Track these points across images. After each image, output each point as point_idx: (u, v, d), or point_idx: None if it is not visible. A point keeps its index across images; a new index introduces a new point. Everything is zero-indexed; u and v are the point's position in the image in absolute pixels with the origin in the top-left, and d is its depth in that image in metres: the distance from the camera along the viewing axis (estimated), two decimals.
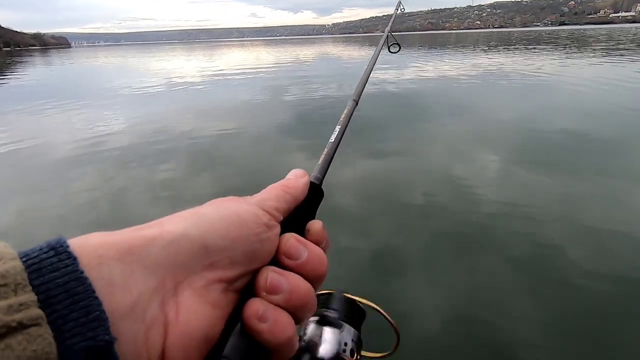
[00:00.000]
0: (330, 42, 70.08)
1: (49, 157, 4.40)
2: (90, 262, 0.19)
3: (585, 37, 34.26)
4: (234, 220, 0.24)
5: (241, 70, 14.69)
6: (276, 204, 0.27)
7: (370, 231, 2.48)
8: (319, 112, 6.14)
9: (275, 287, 0.24)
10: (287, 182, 0.29)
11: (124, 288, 0.19)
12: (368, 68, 0.62)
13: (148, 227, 0.22)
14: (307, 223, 0.29)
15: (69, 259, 0.18)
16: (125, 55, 39.71)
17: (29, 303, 0.16)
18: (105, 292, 0.18)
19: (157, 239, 0.21)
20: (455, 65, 12.80)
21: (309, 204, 0.30)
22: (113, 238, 0.20)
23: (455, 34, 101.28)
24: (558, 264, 2.03)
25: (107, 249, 0.20)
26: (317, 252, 0.27)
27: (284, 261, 0.26)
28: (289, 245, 0.26)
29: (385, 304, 0.38)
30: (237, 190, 2.73)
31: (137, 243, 0.21)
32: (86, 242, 0.20)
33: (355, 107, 0.48)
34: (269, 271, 0.25)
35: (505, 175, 3.32)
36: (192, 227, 0.23)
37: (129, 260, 0.20)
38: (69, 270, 0.17)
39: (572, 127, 4.62)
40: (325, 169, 0.34)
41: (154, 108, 7.36)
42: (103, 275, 0.19)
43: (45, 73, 19.13)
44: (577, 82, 8.09)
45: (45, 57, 42.69)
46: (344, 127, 0.41)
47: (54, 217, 2.89)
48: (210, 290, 0.23)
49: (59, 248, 0.18)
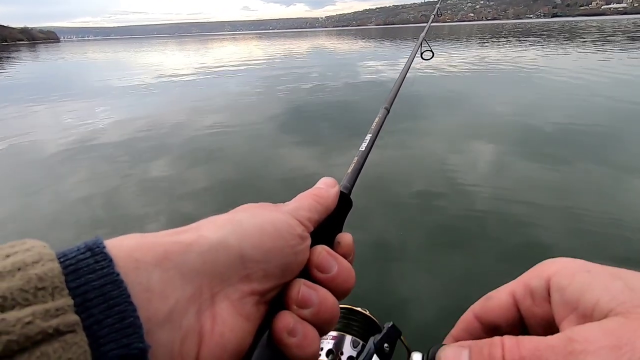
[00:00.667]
0: (324, 35, 69.65)
1: (39, 154, 4.33)
2: (127, 265, 0.18)
3: (577, 29, 34.41)
4: (269, 231, 0.24)
5: (234, 64, 14.54)
6: (308, 214, 0.26)
7: (365, 223, 2.48)
8: (313, 106, 6.11)
9: (307, 300, 0.24)
10: (319, 192, 0.28)
11: (161, 295, 0.19)
12: (401, 75, 0.60)
13: (184, 232, 0.22)
14: (337, 235, 0.29)
15: (105, 260, 0.18)
16: (116, 49, 39.10)
17: (65, 308, 0.16)
18: (143, 297, 0.18)
19: (194, 245, 0.21)
20: (448, 58, 12.79)
21: (339, 214, 0.29)
22: (149, 241, 0.20)
23: (448, 27, 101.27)
24: (552, 255, 2.05)
25: (144, 253, 0.19)
26: (346, 266, 0.26)
27: (315, 274, 0.26)
28: (321, 258, 0.26)
29: (381, 295, 0.39)
30: (233, 185, 2.73)
31: (175, 249, 0.20)
32: (122, 244, 0.19)
33: (387, 115, 0.47)
34: (301, 284, 0.24)
35: (500, 167, 3.33)
36: (229, 235, 0.22)
37: (166, 266, 0.19)
38: (105, 273, 0.17)
39: (565, 119, 4.65)
40: (354, 179, 0.33)
41: (146, 103, 7.27)
42: (141, 280, 0.18)
43: (34, 69, 18.77)
44: (569, 74, 8.13)
45: (34, 52, 41.88)
46: (374, 135, 0.40)
47: (45, 215, 2.85)
48: (244, 303, 0.23)
49: (96, 249, 0.18)
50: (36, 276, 0.16)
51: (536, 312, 0.23)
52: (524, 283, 0.24)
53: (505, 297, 0.25)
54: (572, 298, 0.20)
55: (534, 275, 0.24)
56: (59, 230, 2.64)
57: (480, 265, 2.00)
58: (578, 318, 0.20)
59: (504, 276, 1.86)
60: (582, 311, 0.19)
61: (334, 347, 0.41)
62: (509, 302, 0.24)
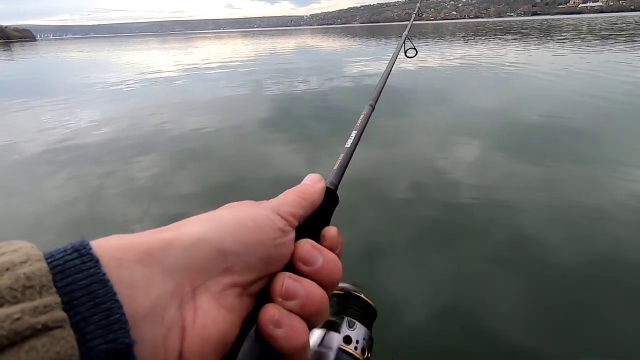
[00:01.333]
0: (309, 33, 69.47)
1: (17, 157, 4.19)
2: (111, 263, 0.19)
3: (555, 27, 35.26)
4: (249, 225, 0.24)
5: (218, 63, 14.36)
6: (292, 210, 0.27)
7: (354, 220, 2.49)
8: (300, 104, 6.09)
9: (291, 293, 0.24)
10: (304, 188, 0.29)
11: (143, 290, 0.19)
12: (385, 72, 0.60)
13: (166, 230, 0.23)
14: (322, 229, 0.29)
15: (92, 261, 0.18)
16: (96, 48, 38.09)
17: (53, 305, 0.16)
18: (126, 294, 0.18)
19: (175, 241, 0.22)
20: (432, 56, 12.92)
21: (325, 209, 0.30)
22: (131, 240, 0.21)
23: (431, 25, 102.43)
24: (538, 249, 2.09)
25: (126, 251, 0.20)
26: (332, 258, 0.27)
27: (299, 267, 0.26)
28: (305, 251, 0.26)
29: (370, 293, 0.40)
30: (219, 186, 2.70)
31: (156, 245, 0.21)
32: (105, 244, 0.20)
33: (372, 112, 0.47)
34: (285, 277, 0.25)
35: (485, 164, 3.38)
36: (209, 231, 0.23)
37: (148, 262, 0.20)
38: (91, 273, 0.18)
39: (547, 115, 4.76)
40: (341, 175, 0.34)
41: (128, 103, 7.10)
42: (123, 278, 0.19)
43: (9, 68, 18.12)
44: (549, 71, 8.34)
45: (8, 51, 40.41)
46: (360, 132, 0.40)
47: (24, 218, 2.76)
48: (226, 295, 0.23)
49: (82, 250, 0.18)
50: (24, 275, 0.16)
51: None
52: None
53: None
54: None
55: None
56: (39, 233, 2.56)
57: (468, 262, 2.03)
58: None
59: (491, 272, 1.91)
60: None
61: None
62: None
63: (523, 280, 1.87)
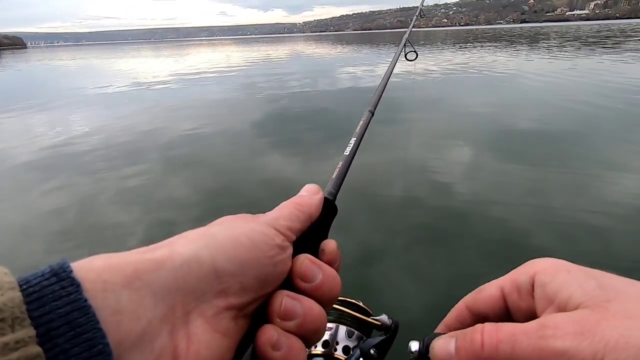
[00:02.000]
0: (302, 40, 69.92)
1: (7, 164, 4.12)
2: (95, 287, 0.17)
3: (542, 34, 35.96)
4: (244, 242, 0.23)
5: (212, 70, 14.36)
6: (289, 224, 0.26)
7: (348, 225, 2.47)
8: (295, 111, 6.11)
9: (290, 312, 0.23)
10: (301, 200, 0.28)
11: (131, 316, 0.18)
12: (385, 77, 0.58)
13: (155, 249, 0.21)
14: (321, 242, 0.28)
15: (72, 286, 0.17)
16: (88, 55, 37.91)
17: (26, 340, 0.15)
18: (112, 320, 0.17)
19: (166, 261, 0.20)
20: (424, 62, 13.08)
21: (323, 221, 0.29)
22: (118, 261, 0.19)
23: (423, 32, 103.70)
24: (532, 253, 2.11)
25: (113, 274, 0.18)
26: (331, 274, 0.26)
27: (298, 284, 0.25)
28: (304, 267, 0.25)
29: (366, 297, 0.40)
30: (214, 193, 2.68)
31: (145, 267, 0.19)
32: (90, 267, 0.18)
33: (372, 118, 0.46)
34: (284, 296, 0.24)
35: (477, 168, 3.41)
36: (202, 250, 0.22)
37: (137, 285, 0.19)
38: (71, 299, 0.16)
39: (537, 119, 4.84)
40: (339, 184, 0.33)
41: (120, 111, 7.05)
42: (109, 303, 0.17)
43: (1, 76, 17.92)
44: (538, 77, 8.48)
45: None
46: (359, 139, 0.39)
47: (16, 227, 2.71)
48: (220, 319, 0.22)
49: (62, 274, 0.17)
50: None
51: (521, 305, 0.25)
52: (512, 279, 0.26)
53: (494, 290, 0.27)
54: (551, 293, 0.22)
55: (522, 272, 0.25)
56: (29, 243, 2.51)
57: (463, 266, 2.04)
58: (554, 309, 0.22)
59: (485, 275, 1.91)
60: (558, 304, 0.22)
61: (329, 338, 0.40)
62: (497, 295, 0.26)
63: None
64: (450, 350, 0.23)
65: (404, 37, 0.91)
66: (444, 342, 0.24)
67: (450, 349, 0.23)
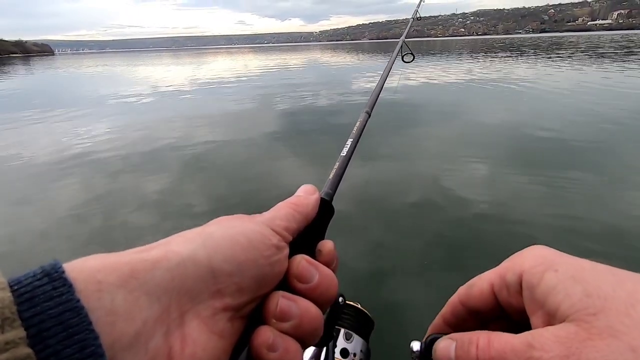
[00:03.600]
0: (318, 49, 70.72)
1: (33, 168, 4.26)
2: (88, 288, 0.17)
3: (562, 44, 35.32)
4: (241, 242, 0.23)
5: (230, 77, 14.63)
6: (286, 224, 0.26)
7: (363, 235, 2.46)
8: (310, 118, 6.14)
9: (286, 313, 0.23)
10: (297, 200, 0.28)
11: (126, 317, 0.18)
12: (381, 78, 0.58)
13: (152, 249, 0.21)
14: (318, 243, 0.28)
15: (64, 286, 0.16)
16: (112, 63, 39.23)
17: (17, 341, 0.15)
18: (106, 321, 0.17)
19: (162, 261, 0.20)
20: (442, 71, 13.00)
21: (320, 222, 0.29)
22: (113, 260, 0.19)
23: (440, 41, 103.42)
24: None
25: (107, 274, 0.18)
26: (328, 274, 0.26)
27: (295, 285, 0.25)
28: (300, 268, 0.25)
29: (380, 308, 0.40)
30: (230, 197, 2.70)
31: (141, 267, 0.19)
32: (84, 267, 0.18)
33: (368, 119, 0.46)
34: (279, 297, 0.24)
35: (494, 180, 3.34)
36: (199, 249, 0.21)
37: (132, 286, 0.18)
38: (64, 300, 0.16)
39: (558, 131, 4.72)
40: (336, 185, 0.32)
41: (141, 117, 7.25)
42: (103, 304, 0.17)
43: (27, 81, 18.71)
44: (558, 87, 8.30)
45: (27, 65, 41.83)
46: (356, 140, 0.39)
47: (38, 229, 2.78)
48: (216, 320, 0.21)
49: (54, 274, 0.17)
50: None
51: (512, 303, 0.25)
52: (500, 275, 0.26)
53: (485, 286, 0.27)
54: (539, 298, 0.23)
55: (509, 268, 0.25)
56: (51, 242, 2.58)
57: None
58: (544, 316, 0.22)
59: None
60: (547, 311, 0.22)
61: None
62: (488, 291, 0.27)
63: None
64: (450, 355, 0.24)
65: (401, 38, 0.92)
66: (445, 344, 0.25)
67: (451, 354, 0.24)
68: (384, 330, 0.32)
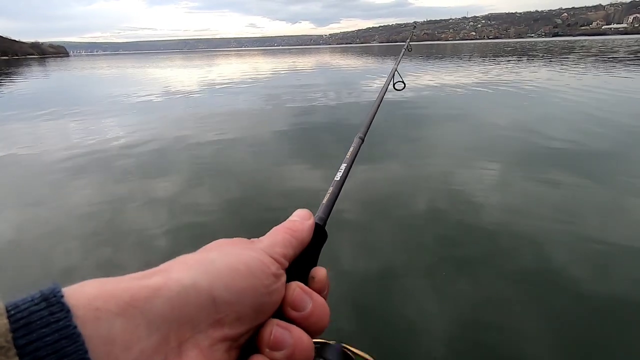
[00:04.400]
0: (328, 52, 70.85)
1: (46, 167, 4.35)
2: (86, 314, 0.17)
3: (575, 48, 34.78)
4: (242, 271, 0.22)
5: (240, 79, 14.76)
6: (283, 250, 0.25)
7: (370, 242, 2.45)
8: (320, 121, 6.16)
9: (280, 342, 0.23)
10: (294, 225, 0.27)
11: (123, 346, 0.17)
12: (374, 106, 0.60)
13: (152, 275, 0.20)
14: (311, 270, 0.28)
15: (62, 312, 0.16)
16: (125, 64, 39.87)
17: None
18: (102, 351, 0.17)
19: (162, 289, 0.19)
20: (452, 75, 12.92)
21: (313, 247, 0.28)
22: (113, 287, 0.18)
23: (451, 45, 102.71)
24: (563, 278, 1.99)
25: (106, 301, 0.18)
26: (321, 303, 0.25)
27: (289, 313, 0.24)
28: (295, 296, 0.25)
29: (388, 319, 0.38)
30: (238, 202, 2.71)
31: (141, 294, 0.19)
32: (82, 292, 0.18)
33: (362, 144, 0.46)
34: (274, 325, 0.23)
35: (506, 187, 3.29)
36: (200, 277, 0.21)
37: (130, 314, 0.18)
38: (60, 326, 0.16)
39: (572, 137, 4.65)
40: (329, 209, 0.32)
41: (153, 117, 7.36)
42: (101, 332, 0.17)
43: (43, 82, 19.14)
44: (571, 92, 8.19)
45: (43, 66, 42.78)
46: (349, 165, 0.39)
47: (50, 228, 2.84)
48: (214, 350, 0.21)
49: (52, 299, 0.16)
50: None
51: None
52: None
53: None
54: None
55: None
56: (62, 242, 2.64)
57: (489, 289, 1.94)
58: None
59: (512, 299, 1.82)
60: None
61: None
62: None
63: (547, 315, 1.75)
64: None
65: (393, 67, 0.96)
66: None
67: None
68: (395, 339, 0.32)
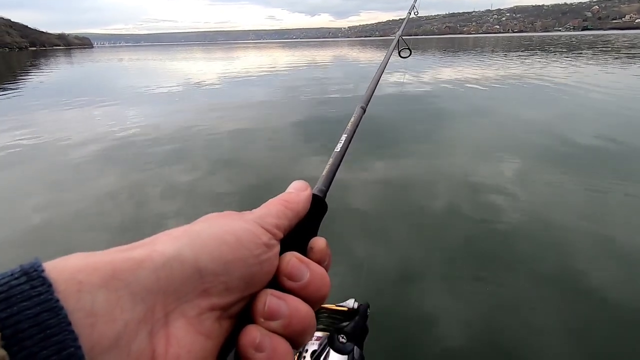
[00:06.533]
0: (346, 44, 70.15)
1: (70, 154, 4.51)
2: (68, 288, 0.17)
3: (607, 42, 33.27)
4: (229, 241, 0.22)
5: (259, 71, 14.86)
6: (276, 221, 0.25)
7: (385, 241, 2.43)
8: (336, 112, 6.19)
9: (274, 312, 0.22)
10: (288, 197, 0.27)
11: (107, 318, 0.17)
12: (377, 73, 0.58)
13: (136, 247, 0.20)
14: (310, 240, 0.27)
15: (43, 285, 0.16)
16: (147, 56, 40.59)
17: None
18: (86, 323, 0.16)
19: (146, 261, 0.19)
20: (472, 70, 12.65)
21: (312, 219, 0.28)
22: (95, 260, 0.18)
23: (472, 38, 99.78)
24: (586, 281, 1.94)
25: (89, 274, 0.17)
26: (319, 272, 0.25)
27: (285, 283, 0.24)
28: (290, 266, 0.24)
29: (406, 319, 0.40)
30: (255, 187, 2.81)
31: (124, 266, 0.18)
32: (64, 266, 0.17)
33: (363, 114, 0.45)
34: (268, 295, 0.23)
35: (528, 185, 3.21)
36: (185, 248, 0.21)
37: (114, 286, 0.18)
38: (42, 300, 0.16)
39: (599, 135, 4.50)
40: (329, 181, 0.32)
41: (172, 108, 7.54)
42: (84, 305, 0.17)
43: (69, 72, 19.74)
44: (602, 89, 7.91)
45: (69, 56, 44.03)
46: (350, 135, 0.38)
47: (73, 213, 2.94)
48: (203, 319, 0.21)
49: (32, 273, 0.16)
50: None
51: None
52: None
53: None
54: None
55: None
56: (84, 225, 2.76)
57: (510, 290, 1.90)
58: None
59: (533, 302, 1.78)
60: None
61: (318, 348, 0.39)
62: None
63: (570, 315, 1.72)
64: None
65: (397, 34, 0.92)
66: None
67: None
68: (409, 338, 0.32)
